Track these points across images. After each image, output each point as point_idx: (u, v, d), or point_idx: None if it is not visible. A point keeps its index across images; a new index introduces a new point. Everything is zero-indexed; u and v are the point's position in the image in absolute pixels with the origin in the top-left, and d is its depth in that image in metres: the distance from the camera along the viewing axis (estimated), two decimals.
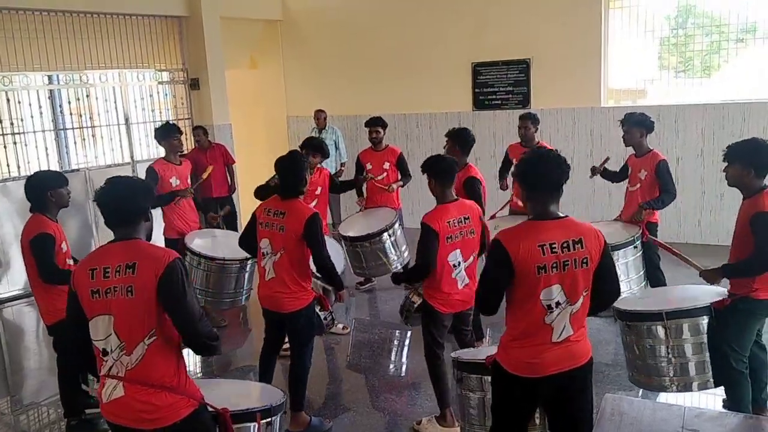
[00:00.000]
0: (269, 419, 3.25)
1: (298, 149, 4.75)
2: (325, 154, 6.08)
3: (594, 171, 6.29)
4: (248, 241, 4.53)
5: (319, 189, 5.96)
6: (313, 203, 5.91)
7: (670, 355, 4.00)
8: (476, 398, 3.63)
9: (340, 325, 6.38)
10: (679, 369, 4.01)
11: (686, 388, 4.09)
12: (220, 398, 3.05)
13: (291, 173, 4.38)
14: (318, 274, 4.62)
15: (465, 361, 3.69)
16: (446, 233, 4.06)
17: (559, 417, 3.08)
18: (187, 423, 2.80)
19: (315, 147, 5.93)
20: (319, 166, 6.11)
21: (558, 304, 2.88)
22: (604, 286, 3.00)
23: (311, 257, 4.34)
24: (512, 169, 6.81)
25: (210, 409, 2.94)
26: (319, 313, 4.54)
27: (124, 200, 2.82)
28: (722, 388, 4.16)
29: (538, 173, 2.92)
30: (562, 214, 2.96)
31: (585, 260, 2.87)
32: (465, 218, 4.15)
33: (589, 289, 2.94)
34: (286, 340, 4.79)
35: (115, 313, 2.73)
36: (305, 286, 4.35)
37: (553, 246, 2.84)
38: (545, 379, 2.94)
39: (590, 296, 2.97)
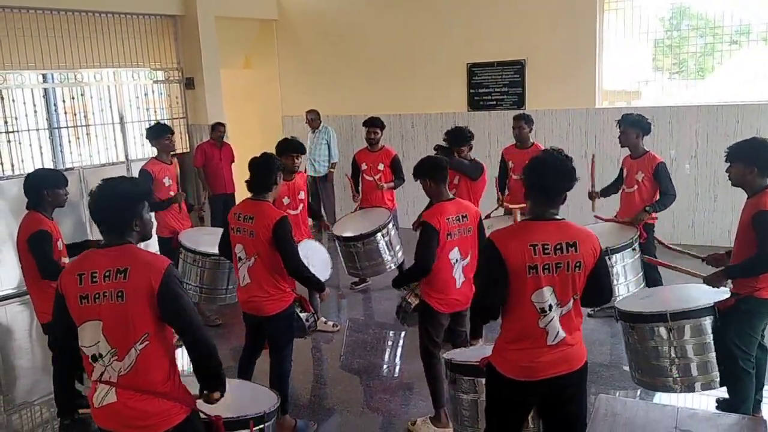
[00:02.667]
0: (262, 426, 3.21)
1: (272, 154, 4.63)
2: (304, 151, 5.87)
3: (593, 196, 6.09)
4: (225, 248, 4.49)
5: (302, 193, 5.87)
6: (299, 208, 5.83)
7: (673, 356, 3.99)
8: (469, 400, 3.62)
9: (330, 323, 6.37)
10: (682, 369, 4.01)
11: (690, 388, 4.08)
12: (212, 405, 2.98)
13: (262, 169, 4.34)
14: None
15: (458, 363, 3.68)
16: (446, 230, 4.06)
17: (554, 421, 3.07)
18: (179, 430, 2.76)
19: (294, 148, 5.65)
20: (300, 170, 5.95)
21: (551, 307, 2.87)
22: (594, 292, 3.00)
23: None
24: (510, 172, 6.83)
25: (203, 416, 2.90)
26: (300, 314, 4.51)
27: (117, 205, 2.76)
28: (721, 387, 4.15)
29: (542, 176, 2.92)
30: (558, 217, 2.96)
31: (578, 264, 2.86)
32: (463, 216, 4.15)
33: (579, 293, 2.93)
34: None
35: (104, 318, 2.68)
36: (283, 289, 4.31)
37: (546, 247, 2.84)
38: (540, 382, 2.93)
39: (580, 300, 2.96)
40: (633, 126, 5.69)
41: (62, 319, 2.82)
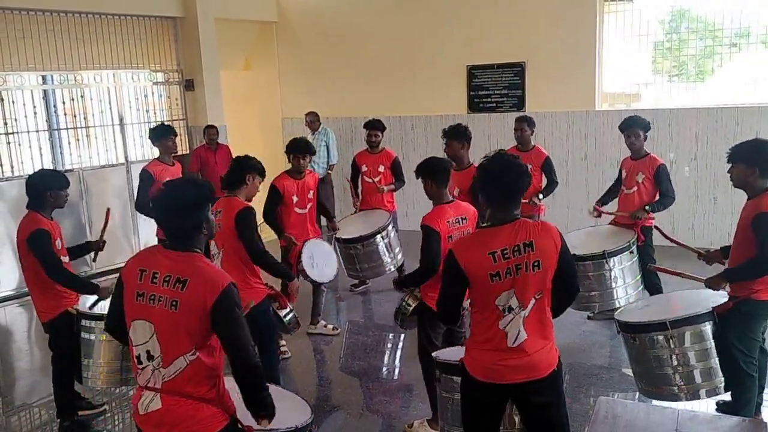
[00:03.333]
0: None
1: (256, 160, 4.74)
2: (313, 152, 5.95)
3: (595, 214, 6.05)
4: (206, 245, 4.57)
5: (311, 192, 5.89)
6: (308, 207, 5.85)
7: (676, 364, 3.97)
8: (454, 399, 3.59)
9: (330, 326, 6.38)
10: (686, 377, 3.99)
11: (695, 395, 4.05)
12: (243, 408, 2.84)
13: (236, 166, 4.51)
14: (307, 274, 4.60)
15: (442, 362, 3.67)
16: (447, 233, 4.05)
17: (533, 425, 3.06)
18: None
19: (298, 149, 5.73)
20: (308, 169, 5.98)
21: (510, 308, 2.88)
22: (562, 285, 2.98)
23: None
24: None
25: (238, 426, 2.83)
26: (278, 311, 4.50)
27: (186, 211, 2.69)
28: (723, 393, 4.13)
29: (503, 182, 2.92)
30: (518, 216, 2.96)
31: (536, 263, 2.86)
32: (462, 218, 4.15)
33: (543, 293, 2.92)
34: (282, 342, 4.77)
35: (155, 322, 2.65)
36: (251, 284, 4.33)
37: (505, 252, 2.85)
38: (505, 386, 2.94)
39: (549, 298, 2.95)
40: (638, 126, 5.71)
41: (118, 305, 2.77)
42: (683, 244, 4.59)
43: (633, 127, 5.73)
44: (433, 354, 3.89)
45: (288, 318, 4.62)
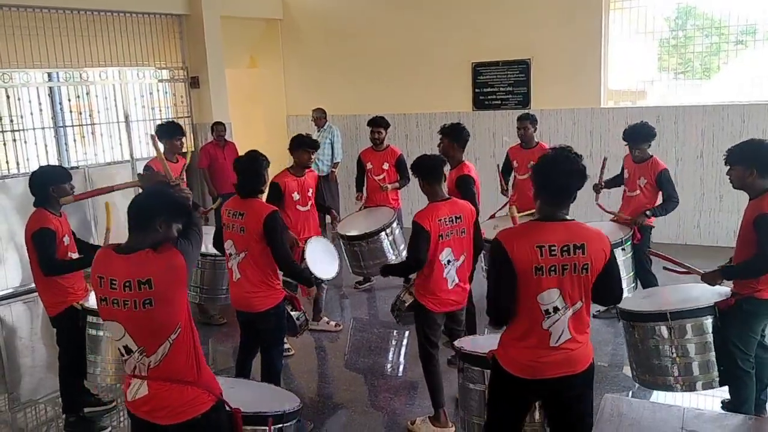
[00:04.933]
0: (281, 425, 3.21)
1: (256, 151, 4.62)
2: (317, 146, 5.95)
3: (597, 188, 6.12)
4: (219, 242, 4.52)
5: (311, 190, 5.89)
6: (309, 204, 5.86)
7: (674, 355, 4.00)
8: (477, 390, 3.61)
9: (332, 323, 6.38)
10: (684, 368, 4.02)
11: (691, 387, 4.09)
12: (234, 399, 3.03)
13: (249, 172, 4.35)
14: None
15: (467, 353, 3.66)
16: (438, 231, 4.05)
17: (558, 419, 3.07)
18: (206, 417, 2.82)
19: (307, 143, 5.74)
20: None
21: (556, 309, 2.86)
22: (605, 293, 2.99)
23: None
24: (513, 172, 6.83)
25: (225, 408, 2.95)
26: (291, 313, 4.52)
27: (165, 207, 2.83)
28: (724, 388, 4.16)
29: (551, 176, 2.87)
30: (569, 218, 2.93)
31: (585, 266, 2.83)
32: (457, 217, 4.14)
33: (589, 295, 2.91)
34: (285, 340, 4.76)
35: (123, 323, 2.76)
36: (273, 285, 4.32)
37: (553, 249, 2.81)
38: (541, 382, 2.93)
39: (590, 300, 2.95)
40: (647, 140, 5.71)
41: None
42: (687, 267, 4.37)
43: (636, 141, 5.72)
44: (456, 344, 3.86)
45: (300, 321, 4.66)
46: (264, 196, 4.55)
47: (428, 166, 4.22)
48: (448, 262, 4.15)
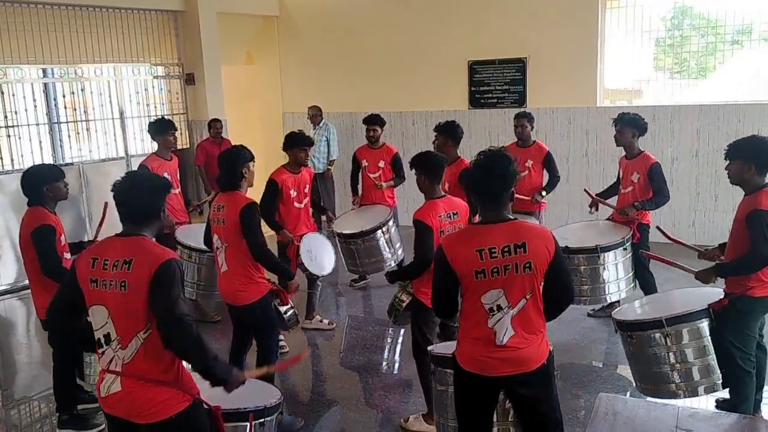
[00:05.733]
0: (262, 420, 3.22)
1: (237, 146, 4.62)
2: (311, 143, 5.95)
3: (593, 205, 6.13)
4: (207, 238, 4.60)
5: (307, 187, 5.89)
6: (305, 201, 5.86)
7: (673, 361, 3.99)
8: (449, 392, 3.57)
9: (326, 321, 6.38)
10: (684, 374, 4.01)
11: (693, 392, 4.07)
12: (216, 394, 3.00)
13: (226, 166, 4.39)
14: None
15: (436, 355, 3.66)
16: (439, 227, 4.05)
17: (525, 420, 3.06)
18: (182, 417, 2.80)
19: (300, 141, 5.76)
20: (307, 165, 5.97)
21: (499, 307, 2.88)
22: (555, 292, 3.00)
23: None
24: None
25: (204, 406, 2.94)
26: (279, 307, 4.51)
27: (147, 194, 2.87)
28: (721, 390, 4.14)
29: (483, 182, 2.94)
30: (511, 217, 2.97)
31: (528, 264, 2.85)
32: (454, 213, 4.15)
33: (535, 293, 2.92)
34: (281, 337, 4.75)
35: (109, 306, 2.76)
36: (255, 278, 4.33)
37: (493, 251, 2.85)
38: (493, 379, 2.95)
39: (543, 301, 2.95)
40: (629, 125, 5.66)
41: (69, 291, 2.92)
42: (684, 243, 4.59)
43: (617, 122, 5.72)
44: (429, 348, 3.89)
45: (288, 315, 4.64)
46: (248, 192, 4.53)
47: (433, 162, 4.22)
48: None
